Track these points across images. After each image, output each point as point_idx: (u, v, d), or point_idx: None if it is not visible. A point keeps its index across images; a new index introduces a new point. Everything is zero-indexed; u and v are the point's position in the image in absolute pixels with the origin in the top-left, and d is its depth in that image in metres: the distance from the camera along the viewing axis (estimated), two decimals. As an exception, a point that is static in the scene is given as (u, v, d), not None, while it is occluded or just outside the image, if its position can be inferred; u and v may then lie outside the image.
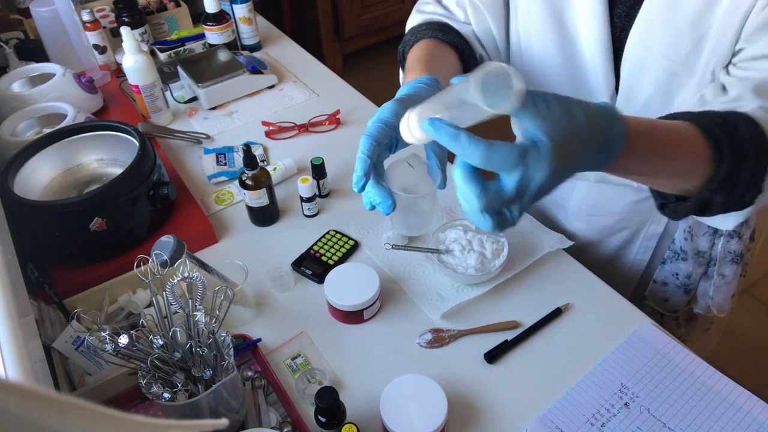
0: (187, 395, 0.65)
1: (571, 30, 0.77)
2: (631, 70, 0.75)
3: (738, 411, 0.73)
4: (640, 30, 0.72)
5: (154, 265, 0.71)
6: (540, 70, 0.85)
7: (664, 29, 0.70)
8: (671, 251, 0.95)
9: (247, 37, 1.52)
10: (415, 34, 0.86)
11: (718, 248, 0.91)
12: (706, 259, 0.93)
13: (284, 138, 1.24)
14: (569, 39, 0.78)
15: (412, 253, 0.95)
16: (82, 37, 1.31)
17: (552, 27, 0.78)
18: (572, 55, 0.79)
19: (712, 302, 0.95)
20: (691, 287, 0.96)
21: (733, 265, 0.92)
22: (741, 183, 0.59)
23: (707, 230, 0.91)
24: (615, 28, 0.75)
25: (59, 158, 1.03)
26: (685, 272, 0.95)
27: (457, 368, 0.80)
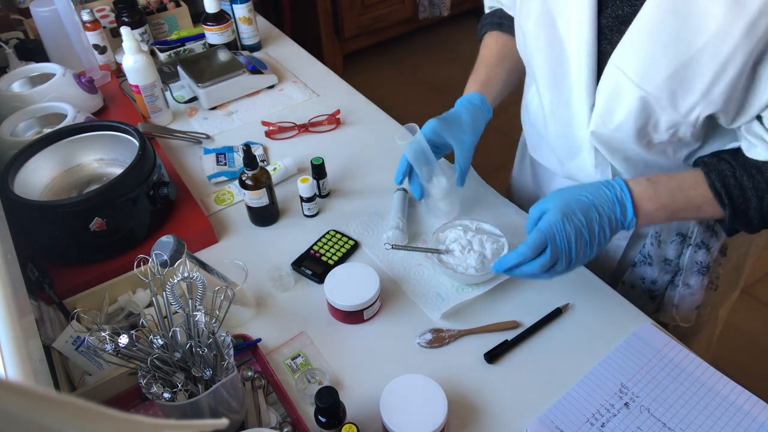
0: (187, 395, 0.65)
1: (563, 36, 0.77)
2: (609, 92, 0.74)
3: (738, 411, 0.73)
4: (621, 54, 0.71)
5: (154, 265, 0.71)
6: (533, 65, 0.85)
7: (638, 56, 0.69)
8: (641, 255, 0.95)
9: (247, 37, 1.52)
10: (482, 25, 1.04)
11: (685, 258, 0.92)
12: (673, 267, 0.94)
13: (284, 138, 1.24)
14: (559, 44, 0.78)
15: (412, 253, 0.95)
16: (82, 37, 1.31)
17: (545, 31, 0.78)
18: (560, 60, 0.79)
19: (676, 311, 0.96)
20: (656, 293, 0.97)
21: (699, 276, 0.93)
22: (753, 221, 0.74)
23: (675, 239, 0.92)
24: (604, 40, 0.74)
25: (59, 158, 1.03)
26: (651, 278, 0.96)
27: (457, 368, 0.80)
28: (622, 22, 0.71)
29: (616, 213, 0.73)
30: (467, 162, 0.91)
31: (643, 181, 0.75)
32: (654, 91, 0.69)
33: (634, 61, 0.69)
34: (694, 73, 0.65)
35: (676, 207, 0.74)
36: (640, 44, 0.68)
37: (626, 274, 0.99)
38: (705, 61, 0.64)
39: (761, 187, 0.71)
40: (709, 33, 0.62)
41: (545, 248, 0.73)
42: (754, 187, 0.71)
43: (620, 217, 0.73)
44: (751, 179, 0.71)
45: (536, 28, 0.79)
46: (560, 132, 0.86)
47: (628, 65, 0.70)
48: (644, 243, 0.94)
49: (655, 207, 0.73)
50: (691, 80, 0.66)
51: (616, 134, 0.77)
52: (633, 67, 0.70)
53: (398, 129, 1.24)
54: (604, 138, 0.79)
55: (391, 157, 1.15)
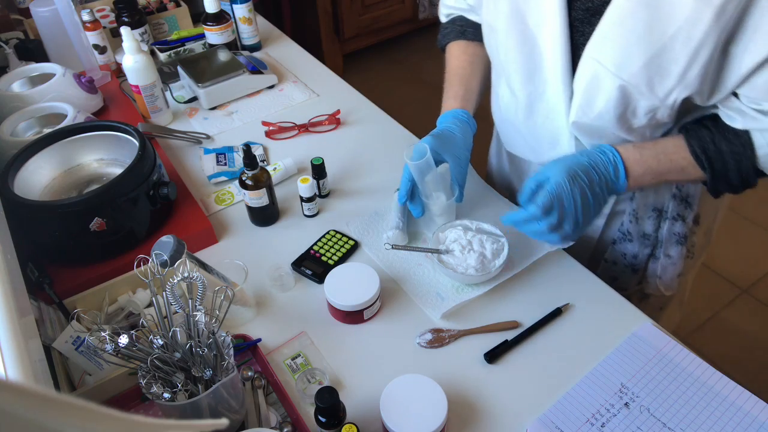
0: (187, 395, 0.65)
1: (534, 31, 0.79)
2: (586, 83, 0.77)
3: (738, 411, 0.73)
4: (596, 45, 0.73)
5: (154, 265, 0.71)
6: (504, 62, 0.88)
7: (614, 47, 0.72)
8: (620, 232, 1.00)
9: (247, 37, 1.52)
10: (444, 34, 1.04)
11: (663, 231, 0.98)
12: (652, 241, 0.99)
13: (284, 138, 1.24)
14: (531, 40, 0.80)
15: (412, 253, 0.95)
16: (82, 37, 1.31)
17: (516, 27, 0.80)
18: (532, 55, 0.82)
19: (660, 281, 1.02)
20: (638, 267, 1.02)
21: (678, 246, 0.99)
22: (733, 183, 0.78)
23: (651, 214, 0.97)
24: (576, 33, 0.77)
25: (59, 158, 1.03)
26: (632, 253, 1.01)
27: (457, 368, 0.80)
28: (593, 14, 0.74)
29: (611, 175, 0.78)
30: (464, 177, 0.94)
31: (630, 147, 0.80)
32: (632, 79, 0.72)
33: (609, 51, 0.72)
34: (668, 60, 0.69)
35: (661, 170, 0.79)
36: (614, 35, 0.71)
37: (607, 251, 1.03)
38: (678, 47, 0.67)
39: (738, 150, 0.75)
40: (680, 20, 0.65)
41: (552, 209, 0.76)
42: (731, 151, 0.75)
43: (614, 179, 0.78)
44: (729, 144, 0.76)
45: (506, 25, 0.81)
46: (538, 124, 0.89)
47: (605, 56, 0.73)
48: (622, 221, 0.98)
49: (642, 170, 0.78)
50: (667, 66, 0.69)
51: (596, 122, 0.80)
52: (609, 58, 0.73)
53: (399, 129, 1.24)
54: (585, 127, 0.82)
55: (390, 157, 1.16)
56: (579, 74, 0.78)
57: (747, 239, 2.30)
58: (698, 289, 2.12)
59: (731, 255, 2.23)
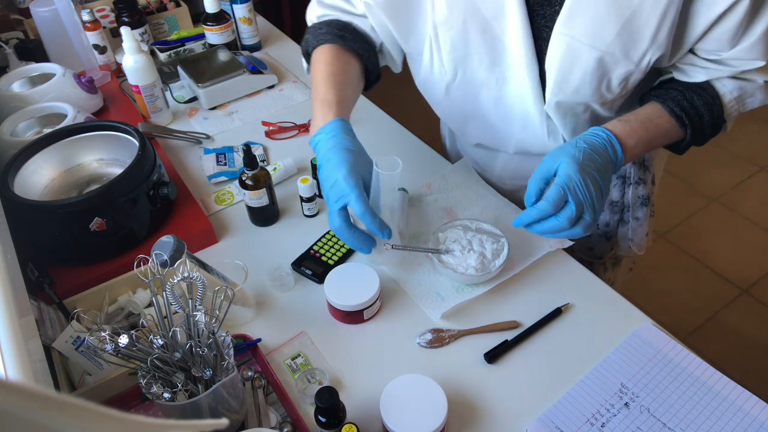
0: (187, 395, 0.65)
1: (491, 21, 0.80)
2: (560, 61, 0.79)
3: (738, 411, 0.73)
4: (566, 21, 0.76)
5: (154, 265, 0.71)
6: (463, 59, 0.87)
7: (585, 20, 0.74)
8: None
9: (247, 37, 1.52)
10: (316, 36, 0.94)
11: (628, 196, 1.04)
12: (620, 207, 1.06)
13: (284, 138, 1.24)
14: (490, 31, 0.81)
15: (412, 253, 0.95)
16: (82, 37, 1.31)
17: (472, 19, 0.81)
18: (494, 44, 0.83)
19: (632, 243, 1.09)
20: (611, 234, 1.09)
21: (643, 207, 1.06)
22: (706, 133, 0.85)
23: (616, 182, 1.04)
24: (536, 15, 0.79)
25: (59, 158, 1.03)
26: (603, 221, 1.08)
27: (457, 368, 0.80)
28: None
29: (610, 154, 0.78)
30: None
31: (617, 123, 0.81)
32: (608, 48, 0.75)
33: (582, 25, 0.75)
34: (640, 24, 0.72)
35: (650, 136, 0.82)
36: (584, 8, 0.73)
37: None
38: (648, 10, 0.71)
39: (708, 101, 0.82)
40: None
41: (566, 202, 0.73)
42: (704, 103, 0.82)
43: (613, 157, 0.78)
44: (700, 97, 0.82)
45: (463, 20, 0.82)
46: (508, 108, 0.91)
47: (577, 30, 0.75)
48: None
49: (635, 141, 0.80)
50: (639, 30, 0.73)
51: (572, 98, 0.83)
52: (582, 31, 0.75)
53: (398, 129, 1.24)
54: (561, 104, 0.85)
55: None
56: (551, 52, 0.80)
57: (747, 239, 2.30)
58: (698, 289, 2.12)
59: (731, 255, 2.23)
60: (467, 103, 0.95)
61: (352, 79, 0.92)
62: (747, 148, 2.69)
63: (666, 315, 2.01)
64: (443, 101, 0.98)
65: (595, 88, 0.81)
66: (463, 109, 0.98)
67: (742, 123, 2.86)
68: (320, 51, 0.92)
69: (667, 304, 2.07)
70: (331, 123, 0.82)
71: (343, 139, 0.79)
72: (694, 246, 2.27)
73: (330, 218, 0.78)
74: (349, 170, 0.75)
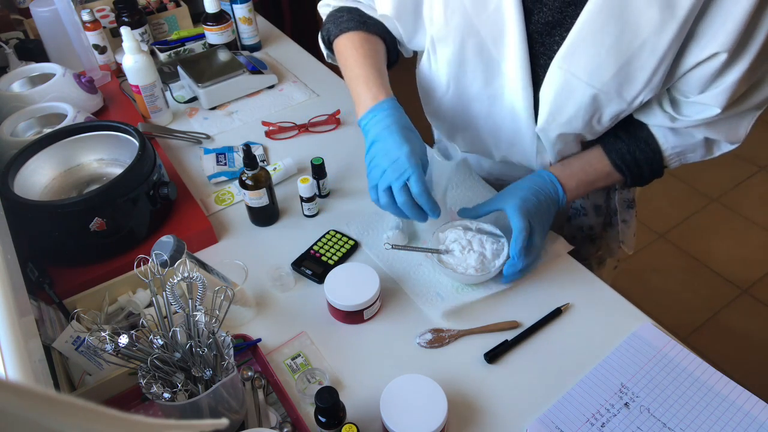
0: (187, 395, 0.65)
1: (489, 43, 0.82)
2: (556, 93, 0.81)
3: (738, 411, 0.73)
4: (566, 56, 0.77)
5: (154, 265, 0.71)
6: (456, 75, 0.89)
7: (586, 57, 0.75)
8: (573, 209, 1.09)
9: (247, 37, 1.52)
10: (337, 24, 0.96)
11: (615, 200, 1.06)
12: (604, 210, 1.08)
13: (284, 138, 1.24)
14: (486, 52, 0.83)
15: (412, 253, 0.95)
16: (82, 37, 1.31)
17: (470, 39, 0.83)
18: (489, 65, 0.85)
19: (623, 244, 1.13)
20: (595, 236, 1.11)
21: (630, 209, 1.09)
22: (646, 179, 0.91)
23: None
24: (535, 43, 0.80)
25: (59, 158, 1.03)
26: (588, 225, 1.10)
27: (457, 368, 0.80)
28: (553, 27, 0.78)
29: (551, 193, 0.88)
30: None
31: (559, 166, 0.91)
32: (603, 87, 0.77)
33: (581, 62, 0.76)
34: (636, 68, 0.74)
35: (590, 179, 0.90)
36: (585, 47, 0.75)
37: (565, 228, 1.09)
38: (645, 56, 0.72)
39: (649, 156, 0.87)
40: (647, 32, 0.70)
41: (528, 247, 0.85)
42: (645, 158, 0.88)
43: (554, 195, 0.89)
44: (642, 152, 0.87)
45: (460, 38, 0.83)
46: (498, 124, 0.93)
47: (576, 66, 0.77)
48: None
49: (575, 183, 0.89)
50: (635, 74, 0.75)
51: (563, 128, 0.85)
52: (581, 68, 0.77)
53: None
54: (551, 131, 0.86)
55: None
56: (547, 83, 0.81)
57: (747, 239, 2.30)
58: (698, 289, 2.12)
59: (731, 255, 2.23)
60: (457, 115, 0.97)
61: (384, 61, 0.94)
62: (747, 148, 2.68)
63: (666, 315, 2.01)
64: (437, 109, 1.00)
65: (586, 122, 0.83)
66: (453, 120, 0.99)
67: (742, 123, 2.87)
68: (346, 38, 0.94)
69: (667, 304, 2.07)
70: (387, 101, 0.84)
71: (401, 118, 0.82)
72: (694, 246, 2.27)
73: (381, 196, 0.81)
74: (412, 149, 0.78)
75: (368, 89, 0.86)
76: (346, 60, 0.92)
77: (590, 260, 1.15)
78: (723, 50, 0.69)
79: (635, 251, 1.17)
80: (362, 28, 0.94)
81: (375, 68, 0.89)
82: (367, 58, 0.90)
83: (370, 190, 0.83)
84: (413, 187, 0.78)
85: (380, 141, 0.81)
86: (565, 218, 1.10)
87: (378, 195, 0.82)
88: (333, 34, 0.96)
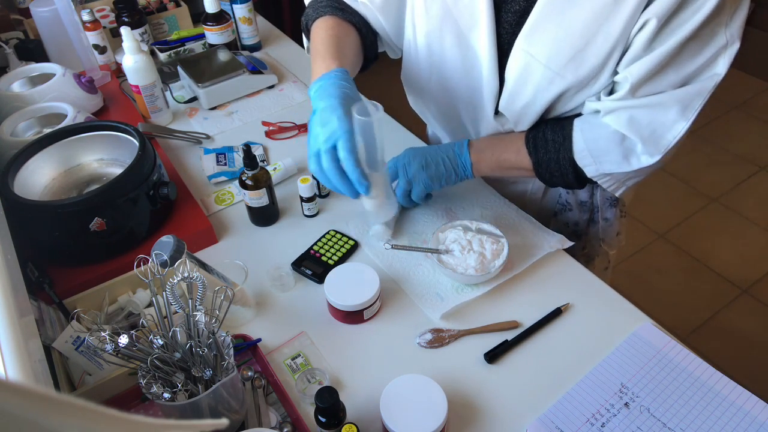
0: (187, 395, 0.65)
1: (466, 32, 0.85)
2: (516, 75, 0.83)
3: (738, 411, 0.73)
4: (526, 38, 0.79)
5: (154, 265, 0.71)
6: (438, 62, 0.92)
7: (544, 40, 0.77)
8: (559, 204, 1.08)
9: (247, 37, 1.52)
10: (316, 9, 0.98)
11: (597, 197, 1.06)
12: (589, 207, 1.07)
13: (284, 138, 1.24)
14: (464, 41, 0.86)
15: (412, 253, 0.95)
16: (82, 37, 1.31)
17: (449, 29, 0.86)
18: (467, 54, 0.87)
19: (603, 243, 1.12)
20: (581, 232, 1.11)
21: (613, 208, 1.08)
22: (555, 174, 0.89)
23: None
24: (505, 33, 0.83)
25: (59, 158, 1.03)
26: (573, 220, 1.09)
27: (457, 368, 0.80)
28: (521, 15, 0.80)
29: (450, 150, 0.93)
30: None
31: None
32: (560, 71, 0.78)
33: (540, 44, 0.78)
34: (590, 54, 0.76)
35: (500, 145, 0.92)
36: (543, 29, 0.77)
37: (551, 224, 1.09)
38: (599, 43, 0.74)
39: (558, 141, 0.86)
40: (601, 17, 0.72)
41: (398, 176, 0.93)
42: (554, 140, 0.86)
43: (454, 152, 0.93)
44: (553, 133, 0.86)
45: (440, 28, 0.87)
46: (476, 113, 0.95)
47: (535, 48, 0.79)
48: (560, 193, 1.06)
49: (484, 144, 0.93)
50: (589, 60, 0.76)
51: (523, 111, 0.86)
52: (540, 50, 0.78)
53: (398, 129, 1.24)
54: (513, 114, 0.89)
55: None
56: (510, 65, 0.83)
57: (747, 239, 2.30)
58: (698, 289, 2.12)
59: (731, 255, 2.24)
60: (440, 103, 1.00)
61: (352, 46, 0.93)
62: (747, 148, 2.69)
63: (666, 315, 2.01)
64: (420, 99, 1.04)
65: (542, 107, 0.84)
66: (437, 109, 1.02)
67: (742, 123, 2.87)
68: (320, 21, 0.95)
69: (667, 304, 2.07)
70: (333, 71, 0.81)
71: (343, 86, 0.78)
72: (694, 246, 2.27)
73: (313, 160, 0.75)
74: (344, 113, 0.73)
75: (323, 61, 0.84)
76: (314, 41, 0.92)
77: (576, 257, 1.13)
78: (653, 16, 0.69)
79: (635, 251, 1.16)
80: (338, 14, 0.95)
81: (336, 45, 0.87)
82: (332, 38, 0.89)
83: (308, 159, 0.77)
84: (339, 151, 0.72)
85: (319, 108, 0.76)
86: (551, 213, 1.10)
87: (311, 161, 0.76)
88: (311, 19, 0.98)
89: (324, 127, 0.73)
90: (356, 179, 0.73)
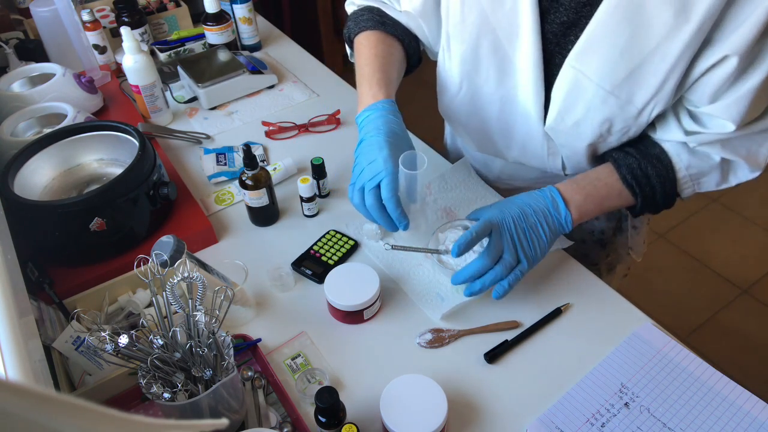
0: (187, 395, 0.65)
1: (504, 42, 0.82)
2: (566, 92, 0.80)
3: (738, 411, 0.73)
4: (578, 56, 0.76)
5: (154, 265, 0.71)
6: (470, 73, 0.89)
7: (598, 58, 0.74)
8: None
9: (247, 37, 1.52)
10: (357, 22, 0.98)
11: None
12: (616, 215, 1.05)
13: (284, 138, 1.24)
14: (502, 52, 0.83)
15: (412, 253, 0.95)
16: (82, 37, 1.31)
17: (486, 37, 0.82)
18: (503, 64, 0.84)
19: (632, 251, 1.10)
20: (606, 241, 1.09)
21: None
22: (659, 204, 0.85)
23: None
24: (549, 43, 0.79)
25: (59, 158, 1.03)
26: (599, 229, 1.08)
27: (457, 368, 0.80)
28: (568, 27, 0.77)
29: (549, 207, 0.81)
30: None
31: (565, 181, 0.85)
32: (614, 90, 0.75)
33: (593, 63, 0.75)
34: (647, 72, 0.72)
35: (600, 194, 0.84)
36: (597, 47, 0.73)
37: (575, 231, 1.06)
38: (657, 61, 0.71)
39: (662, 173, 0.82)
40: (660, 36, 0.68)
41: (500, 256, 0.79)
42: (657, 174, 0.82)
43: (554, 211, 0.81)
44: (654, 168, 0.82)
45: (476, 36, 0.83)
46: (510, 125, 0.92)
47: (587, 66, 0.75)
48: None
49: (582, 197, 0.82)
50: (646, 78, 0.73)
51: (572, 130, 0.83)
52: (593, 69, 0.75)
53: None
54: (559, 134, 0.85)
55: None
56: (559, 82, 0.80)
57: (747, 239, 2.30)
58: (698, 289, 2.12)
59: (731, 255, 2.24)
60: (471, 114, 0.97)
61: (396, 62, 0.94)
62: (747, 148, 2.69)
63: (666, 315, 2.01)
64: (449, 107, 1.00)
65: (595, 128, 0.81)
66: (466, 119, 0.99)
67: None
68: (363, 36, 0.95)
69: (667, 304, 2.07)
70: (382, 102, 0.84)
71: (391, 121, 0.81)
72: (694, 246, 2.27)
73: (354, 195, 0.80)
74: (390, 152, 0.77)
75: (369, 88, 0.87)
76: (358, 58, 0.94)
77: (600, 265, 1.12)
78: (733, 53, 0.66)
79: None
80: (380, 28, 0.95)
81: (381, 68, 0.89)
82: (377, 58, 0.91)
83: (349, 187, 0.82)
84: (383, 191, 0.76)
85: (366, 140, 0.80)
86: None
87: (353, 194, 0.81)
88: (353, 32, 0.98)
89: (369, 165, 0.78)
90: (397, 218, 0.78)
